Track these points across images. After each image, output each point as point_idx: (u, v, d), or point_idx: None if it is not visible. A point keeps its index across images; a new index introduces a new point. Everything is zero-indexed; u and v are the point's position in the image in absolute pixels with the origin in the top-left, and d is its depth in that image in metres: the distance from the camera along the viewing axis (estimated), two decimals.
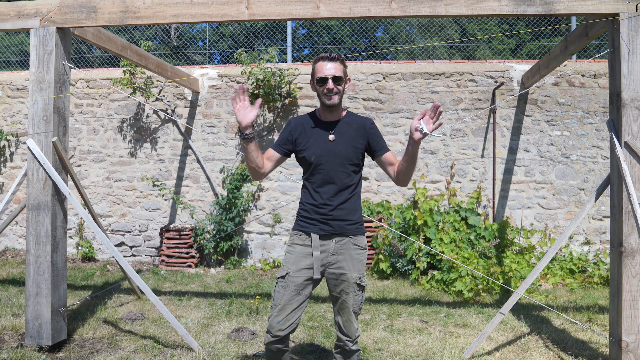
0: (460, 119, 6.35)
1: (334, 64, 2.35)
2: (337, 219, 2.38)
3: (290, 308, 2.34)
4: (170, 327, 3.86)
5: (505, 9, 3.29)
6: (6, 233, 6.94)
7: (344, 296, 2.40)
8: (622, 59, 3.18)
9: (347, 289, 2.40)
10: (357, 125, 2.44)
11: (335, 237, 2.39)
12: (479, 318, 4.28)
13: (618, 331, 3.13)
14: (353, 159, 2.40)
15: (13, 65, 8.88)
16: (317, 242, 2.37)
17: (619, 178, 3.19)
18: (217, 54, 12.12)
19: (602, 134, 6.24)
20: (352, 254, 2.41)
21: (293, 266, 2.37)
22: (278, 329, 2.32)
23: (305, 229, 2.41)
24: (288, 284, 2.35)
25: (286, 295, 2.35)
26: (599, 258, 5.97)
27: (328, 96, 2.36)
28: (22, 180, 3.71)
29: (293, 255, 2.40)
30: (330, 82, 2.33)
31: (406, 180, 2.39)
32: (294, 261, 2.39)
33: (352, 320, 2.43)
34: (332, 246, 2.39)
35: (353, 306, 2.41)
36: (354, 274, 2.39)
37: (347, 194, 2.41)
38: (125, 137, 6.81)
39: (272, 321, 2.34)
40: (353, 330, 2.45)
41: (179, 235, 6.34)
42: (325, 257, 2.39)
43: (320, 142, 2.40)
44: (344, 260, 2.39)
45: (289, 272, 2.37)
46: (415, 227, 5.74)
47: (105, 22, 3.50)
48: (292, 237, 2.46)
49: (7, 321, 3.91)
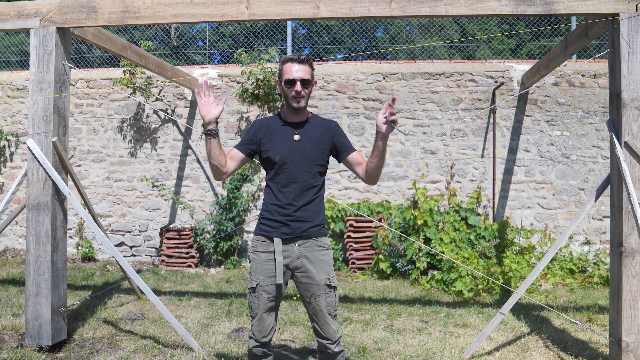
0: (460, 119, 6.35)
1: (303, 67, 2.32)
2: (300, 220, 2.34)
3: (267, 315, 2.38)
4: (170, 327, 3.86)
5: (505, 9, 3.29)
6: (6, 233, 6.94)
7: (315, 299, 2.36)
8: (622, 59, 3.18)
9: (318, 291, 2.36)
10: (322, 127, 2.43)
11: (299, 240, 2.36)
12: (479, 318, 4.28)
13: (618, 331, 3.13)
14: (318, 160, 2.38)
15: (13, 65, 8.88)
16: (279, 247, 2.33)
17: (619, 178, 3.19)
18: (217, 54, 12.13)
19: (602, 134, 6.24)
20: (317, 255, 2.37)
21: (261, 275, 2.35)
22: (262, 336, 2.38)
23: (267, 233, 2.37)
24: (260, 294, 2.35)
25: (261, 305, 2.36)
26: (599, 258, 5.97)
27: (296, 99, 2.34)
28: (22, 180, 3.71)
29: (258, 264, 2.37)
30: (298, 85, 2.32)
31: (376, 178, 2.38)
32: (261, 270, 2.36)
33: (328, 322, 2.38)
34: (296, 250, 2.35)
35: (327, 308, 2.37)
36: (322, 275, 2.36)
37: (311, 195, 2.38)
38: (125, 137, 6.81)
39: (255, 330, 2.39)
40: (332, 332, 2.39)
41: (179, 235, 6.34)
42: (291, 262, 2.36)
43: (285, 141, 2.38)
44: (309, 263, 2.36)
45: (259, 283, 2.35)
46: (415, 227, 5.74)
47: (105, 22, 3.50)
48: (255, 244, 2.41)
49: (7, 321, 3.91)
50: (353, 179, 6.51)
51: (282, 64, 2.38)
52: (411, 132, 6.40)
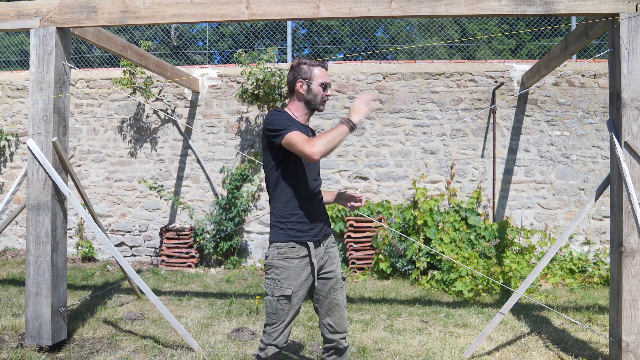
0: (460, 119, 6.35)
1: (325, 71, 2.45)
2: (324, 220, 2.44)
3: (293, 321, 2.38)
4: (170, 327, 3.86)
5: (505, 9, 3.29)
6: (6, 233, 6.94)
7: (333, 294, 2.41)
8: (622, 59, 3.18)
9: (336, 285, 2.43)
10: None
11: (324, 240, 2.42)
12: (479, 318, 4.28)
13: (618, 331, 3.13)
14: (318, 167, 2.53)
15: (13, 65, 8.88)
16: (314, 251, 2.33)
17: (619, 178, 3.19)
18: (217, 54, 12.13)
19: (602, 134, 6.24)
20: (333, 251, 2.47)
21: (294, 282, 2.28)
22: (284, 342, 2.34)
23: (299, 239, 2.30)
24: (294, 304, 2.30)
25: (291, 312, 2.31)
26: (599, 258, 5.97)
27: (324, 102, 2.43)
28: (22, 180, 3.71)
29: (291, 271, 2.29)
30: (329, 90, 2.42)
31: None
32: (294, 276, 2.29)
33: (344, 315, 2.45)
34: (322, 250, 2.41)
35: (344, 301, 2.46)
36: (339, 269, 2.46)
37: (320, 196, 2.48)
38: (125, 137, 6.81)
39: (279, 338, 2.30)
40: (346, 325, 2.47)
41: (179, 235, 6.34)
42: (318, 262, 2.38)
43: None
44: (329, 261, 2.43)
45: (294, 291, 2.28)
46: (415, 227, 5.74)
47: (105, 22, 3.50)
48: (284, 250, 2.29)
49: (7, 321, 3.91)
50: (353, 179, 6.51)
51: (312, 66, 2.38)
52: (411, 132, 6.41)
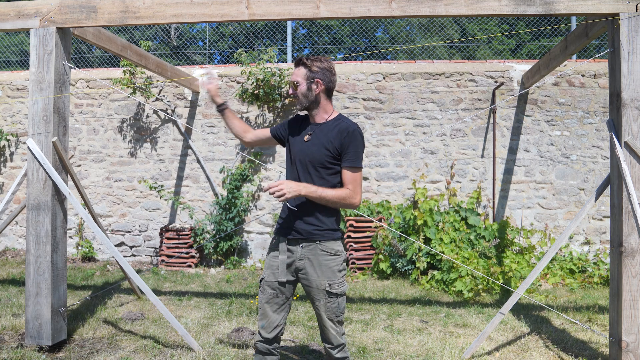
0: (460, 119, 6.35)
1: (295, 69, 2.41)
2: (305, 221, 2.33)
3: (270, 310, 2.39)
4: (170, 327, 3.86)
5: (505, 9, 3.29)
6: (6, 233, 6.94)
7: (315, 303, 2.37)
8: (622, 59, 3.18)
9: (317, 295, 2.34)
10: (337, 130, 2.32)
11: (303, 242, 2.34)
12: (479, 318, 4.28)
13: (618, 331, 3.13)
14: (324, 162, 2.32)
15: (13, 65, 8.88)
16: (283, 247, 2.38)
17: (619, 178, 3.19)
18: (217, 54, 12.13)
19: (602, 134, 6.24)
20: (320, 260, 2.32)
21: (267, 270, 2.43)
22: (265, 331, 2.40)
23: (277, 232, 2.45)
24: (265, 289, 2.42)
25: (264, 298, 2.41)
26: (599, 258, 5.97)
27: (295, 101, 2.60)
28: (22, 180, 3.71)
29: (267, 260, 2.46)
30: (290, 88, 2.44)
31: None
32: (268, 265, 2.44)
33: (327, 327, 2.36)
34: (300, 251, 2.35)
35: (326, 313, 2.34)
36: (322, 280, 2.31)
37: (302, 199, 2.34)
38: (125, 137, 6.81)
39: (258, 324, 2.45)
40: (331, 337, 2.37)
41: (179, 235, 6.34)
42: (294, 263, 2.37)
43: (298, 141, 2.43)
44: (311, 267, 2.33)
45: (264, 277, 2.44)
46: (415, 227, 5.74)
47: (105, 22, 3.50)
48: (272, 240, 2.51)
49: (7, 321, 3.91)
50: None
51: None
52: (411, 132, 6.40)
